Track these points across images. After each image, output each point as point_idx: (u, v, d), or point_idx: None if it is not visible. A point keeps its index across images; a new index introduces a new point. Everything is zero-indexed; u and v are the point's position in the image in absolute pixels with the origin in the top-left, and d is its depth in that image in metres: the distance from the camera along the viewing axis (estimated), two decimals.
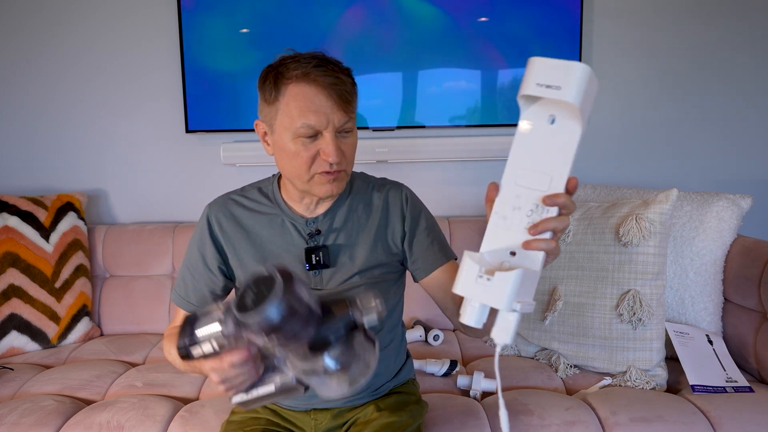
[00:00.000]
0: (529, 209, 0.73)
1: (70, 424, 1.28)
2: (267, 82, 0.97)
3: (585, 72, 0.67)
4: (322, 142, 0.96)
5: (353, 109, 0.98)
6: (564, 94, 0.68)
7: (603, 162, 2.08)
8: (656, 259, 1.45)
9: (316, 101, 0.93)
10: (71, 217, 1.86)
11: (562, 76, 0.68)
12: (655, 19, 2.01)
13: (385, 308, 0.89)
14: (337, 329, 0.73)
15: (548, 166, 0.72)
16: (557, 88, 0.68)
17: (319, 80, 0.93)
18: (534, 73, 0.71)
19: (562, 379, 1.50)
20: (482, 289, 0.69)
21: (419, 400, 1.17)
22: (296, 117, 0.94)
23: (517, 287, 0.67)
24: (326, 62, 0.96)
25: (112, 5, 2.00)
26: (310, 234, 1.06)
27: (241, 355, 0.74)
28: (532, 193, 0.73)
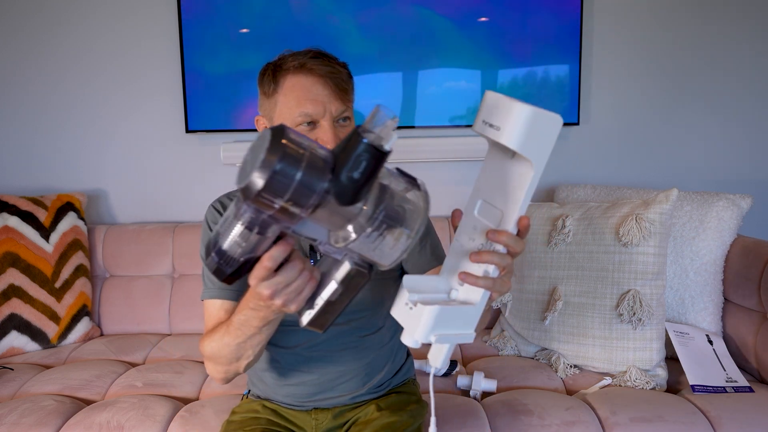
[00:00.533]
0: (480, 243, 0.73)
1: (70, 424, 1.28)
2: (266, 76, 1.00)
3: (528, 115, 0.64)
4: (320, 131, 0.97)
5: (350, 98, 1.00)
6: (502, 136, 0.66)
7: (603, 162, 2.08)
8: (656, 259, 1.45)
9: (313, 90, 0.95)
10: (71, 217, 1.86)
11: (503, 117, 0.66)
12: (655, 19, 2.01)
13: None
14: (357, 163, 0.58)
15: (502, 202, 0.72)
16: (497, 128, 0.67)
17: (315, 70, 0.96)
18: (483, 109, 0.69)
19: (562, 379, 1.50)
20: (406, 315, 0.72)
21: (419, 399, 1.17)
22: (294, 107, 0.96)
23: (432, 322, 0.68)
24: (322, 54, 0.99)
25: (112, 5, 2.00)
26: None
27: (280, 246, 0.65)
28: (485, 227, 0.73)
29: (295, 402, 1.11)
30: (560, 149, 2.07)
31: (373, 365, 1.11)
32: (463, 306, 0.72)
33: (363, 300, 1.06)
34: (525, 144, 0.65)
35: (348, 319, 1.07)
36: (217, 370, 0.98)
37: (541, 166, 0.68)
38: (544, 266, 1.60)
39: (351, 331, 1.08)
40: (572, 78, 1.97)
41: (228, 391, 1.45)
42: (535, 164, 0.67)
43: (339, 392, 1.10)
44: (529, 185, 0.68)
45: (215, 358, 0.96)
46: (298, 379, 1.09)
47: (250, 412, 1.12)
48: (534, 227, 1.65)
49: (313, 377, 1.09)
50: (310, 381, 1.09)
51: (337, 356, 1.08)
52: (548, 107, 0.67)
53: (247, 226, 0.62)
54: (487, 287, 0.70)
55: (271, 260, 0.65)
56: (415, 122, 2.01)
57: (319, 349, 1.08)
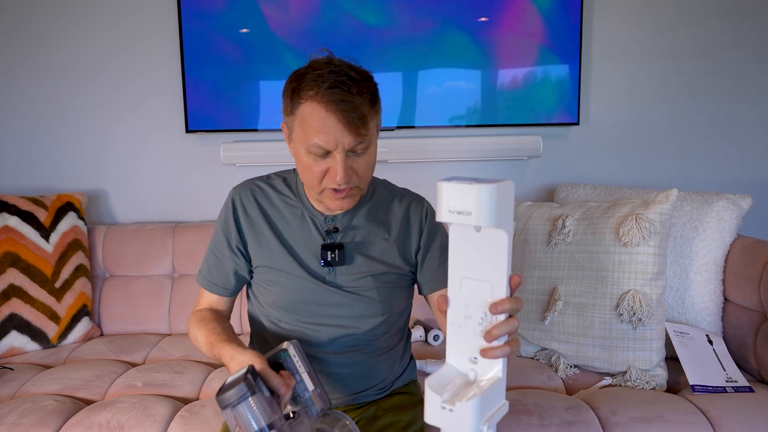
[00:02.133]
0: (479, 317, 0.76)
1: (70, 424, 1.28)
2: (288, 93, 0.98)
3: (492, 193, 0.67)
4: (332, 160, 0.96)
5: (367, 130, 0.96)
6: (474, 219, 0.69)
7: (603, 162, 2.08)
8: (656, 259, 1.45)
9: (327, 122, 0.93)
10: (71, 217, 1.86)
11: (469, 202, 0.69)
12: (655, 19, 2.01)
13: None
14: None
15: (486, 274, 0.75)
16: (468, 213, 0.69)
17: (330, 104, 0.92)
18: (444, 200, 0.71)
19: (562, 379, 1.50)
20: (447, 418, 0.72)
21: (422, 400, 1.17)
22: (309, 134, 0.94)
23: (478, 413, 0.71)
24: (342, 82, 0.93)
25: (112, 5, 2.00)
26: (327, 231, 1.07)
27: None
28: (479, 301, 0.76)
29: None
30: (560, 149, 2.07)
31: (378, 368, 1.11)
32: (495, 383, 0.75)
33: (370, 306, 1.06)
34: (498, 219, 0.69)
35: (354, 323, 1.07)
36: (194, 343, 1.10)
37: (511, 231, 0.72)
38: (544, 266, 1.60)
39: (357, 336, 1.07)
40: (572, 78, 1.97)
41: None
42: (508, 231, 0.71)
43: (342, 394, 1.10)
44: (508, 251, 0.72)
45: (195, 342, 1.09)
46: None
47: None
48: (534, 227, 1.65)
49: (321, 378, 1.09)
50: None
51: (342, 359, 1.08)
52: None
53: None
54: (506, 354, 0.74)
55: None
56: (415, 122, 2.01)
57: (324, 352, 1.08)
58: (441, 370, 0.79)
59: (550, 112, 1.99)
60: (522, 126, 2.01)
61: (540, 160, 2.07)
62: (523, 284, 1.65)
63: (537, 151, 1.97)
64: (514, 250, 1.70)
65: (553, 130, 2.05)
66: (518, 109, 2.00)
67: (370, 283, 1.06)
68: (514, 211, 1.73)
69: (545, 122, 2.00)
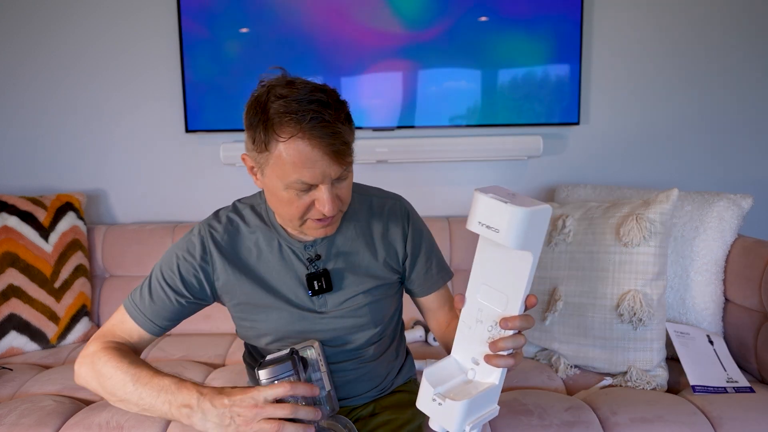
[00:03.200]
0: (489, 325, 0.78)
1: (69, 424, 1.28)
2: (257, 128, 0.87)
3: (524, 217, 0.68)
4: (317, 192, 0.89)
5: (351, 156, 0.90)
6: (501, 238, 0.70)
7: (603, 162, 2.08)
8: (657, 259, 1.45)
9: (312, 158, 0.85)
10: (71, 217, 1.86)
11: (499, 220, 0.70)
12: (656, 19, 2.01)
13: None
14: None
15: (505, 287, 0.76)
16: (496, 230, 0.70)
17: (315, 139, 0.84)
18: (477, 211, 0.72)
19: (562, 379, 1.49)
20: (436, 410, 0.77)
21: None
22: (290, 171, 0.86)
23: (464, 414, 0.74)
24: (322, 110, 0.85)
25: (112, 5, 1.99)
26: (309, 259, 1.01)
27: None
28: (492, 310, 0.78)
29: None
30: (560, 149, 2.07)
31: (376, 371, 1.10)
32: (487, 389, 0.77)
33: (362, 321, 1.04)
34: (524, 242, 0.70)
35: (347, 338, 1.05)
36: (88, 382, 0.94)
37: (538, 253, 0.73)
38: (544, 266, 1.60)
39: (350, 349, 1.06)
40: (572, 78, 1.97)
41: None
42: (534, 254, 0.72)
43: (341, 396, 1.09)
44: (530, 272, 0.73)
45: (100, 379, 0.91)
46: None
47: None
48: None
49: None
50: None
51: (340, 366, 1.06)
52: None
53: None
54: (509, 366, 0.76)
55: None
56: (415, 122, 2.01)
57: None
58: (443, 362, 0.81)
59: (550, 112, 1.99)
60: (522, 126, 2.01)
61: (540, 160, 2.07)
62: None
63: (537, 151, 1.97)
64: None
65: (553, 130, 2.05)
66: (518, 109, 1.99)
67: (360, 301, 1.03)
68: None
69: (545, 122, 2.00)
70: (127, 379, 0.89)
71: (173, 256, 1.01)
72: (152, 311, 0.99)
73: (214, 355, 1.69)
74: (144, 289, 1.01)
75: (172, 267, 1.00)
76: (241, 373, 1.52)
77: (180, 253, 1.01)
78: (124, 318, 1.01)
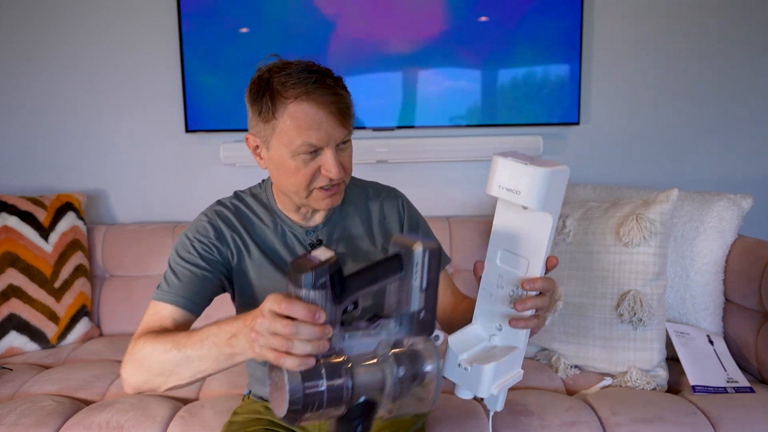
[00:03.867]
0: (510, 289, 0.79)
1: (69, 424, 1.27)
2: (262, 99, 0.93)
3: (544, 177, 0.69)
4: (322, 158, 0.94)
5: (352, 119, 0.97)
6: (523, 199, 0.70)
7: (603, 162, 2.08)
8: (657, 259, 1.45)
9: (317, 119, 0.91)
10: (70, 217, 1.86)
11: (520, 182, 0.70)
12: (656, 19, 2.01)
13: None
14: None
15: (525, 251, 0.77)
16: (516, 192, 0.71)
17: (319, 98, 0.91)
18: (496, 174, 0.73)
19: (562, 379, 1.49)
20: (462, 376, 0.77)
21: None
22: (296, 136, 0.92)
23: (491, 377, 0.75)
24: (323, 77, 0.93)
25: (112, 5, 1.99)
26: (311, 244, 1.04)
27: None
28: (512, 274, 0.78)
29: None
30: (560, 149, 2.07)
31: None
32: (511, 353, 0.78)
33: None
34: (545, 203, 0.70)
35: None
36: (135, 378, 0.88)
37: (557, 215, 0.74)
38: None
39: None
40: (572, 78, 1.97)
41: (228, 391, 1.45)
42: (554, 215, 0.73)
43: None
44: (550, 233, 0.74)
45: (144, 364, 0.87)
46: None
47: (252, 413, 1.11)
48: None
49: None
50: None
51: None
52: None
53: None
54: (533, 326, 0.78)
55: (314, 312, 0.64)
56: (415, 122, 2.01)
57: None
58: (466, 330, 0.82)
59: (550, 112, 1.99)
60: (522, 126, 2.01)
61: None
62: None
63: (537, 151, 1.97)
64: None
65: (553, 130, 2.05)
66: (518, 109, 1.99)
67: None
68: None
69: (545, 122, 2.00)
70: (168, 347, 0.84)
71: (186, 240, 1.02)
72: (181, 288, 0.98)
73: None
74: (167, 277, 1.01)
75: (188, 249, 1.01)
76: (241, 373, 1.52)
77: (192, 235, 1.02)
78: (154, 309, 0.98)
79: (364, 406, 0.68)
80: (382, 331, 0.72)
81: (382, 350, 0.70)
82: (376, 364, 0.69)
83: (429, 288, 0.72)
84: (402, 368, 0.69)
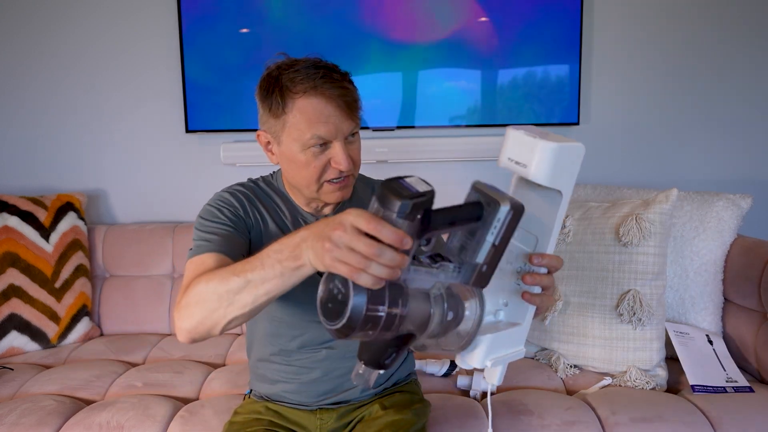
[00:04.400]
0: (519, 265, 0.79)
1: (69, 424, 1.28)
2: (272, 95, 0.97)
3: (552, 152, 0.68)
4: (332, 151, 0.97)
5: (359, 113, 1.00)
6: (530, 173, 0.69)
7: (603, 162, 2.08)
8: (656, 259, 1.45)
9: (326, 112, 0.94)
10: (71, 217, 1.86)
11: (529, 155, 0.69)
12: (655, 19, 2.01)
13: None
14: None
15: (535, 227, 0.76)
16: (524, 165, 0.70)
17: (327, 93, 0.94)
18: (508, 147, 0.72)
19: (562, 379, 1.49)
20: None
21: (422, 399, 1.17)
22: (305, 129, 0.95)
23: (486, 349, 0.73)
24: (330, 72, 0.96)
25: (112, 5, 2.00)
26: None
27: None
28: (522, 250, 0.78)
29: (300, 402, 1.10)
30: None
31: None
32: (512, 328, 0.76)
33: None
34: (552, 178, 0.69)
35: None
36: (191, 320, 0.83)
37: (569, 193, 0.72)
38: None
39: None
40: (572, 78, 1.97)
41: (228, 391, 1.45)
42: (564, 193, 0.72)
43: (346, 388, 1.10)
44: (560, 212, 0.73)
45: (200, 301, 0.81)
46: (307, 377, 1.09)
47: (252, 413, 1.12)
48: None
49: (320, 377, 1.09)
50: (317, 380, 1.09)
51: (343, 355, 1.08)
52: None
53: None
54: (542, 303, 0.77)
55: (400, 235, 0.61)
56: (415, 122, 2.01)
57: (326, 349, 1.08)
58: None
59: (550, 112, 1.99)
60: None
61: None
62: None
63: None
64: None
65: (553, 130, 2.05)
66: (518, 109, 2.00)
67: None
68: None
69: (545, 122, 2.00)
70: (225, 276, 0.79)
71: (212, 209, 1.01)
72: (218, 243, 0.95)
73: (214, 354, 1.69)
74: (200, 237, 0.97)
75: (216, 215, 1.00)
76: (241, 373, 1.52)
77: (217, 204, 1.03)
78: (197, 262, 0.92)
79: (404, 337, 0.68)
80: (441, 273, 0.70)
81: (436, 290, 0.70)
82: (428, 302, 0.69)
83: (500, 245, 0.70)
84: (451, 312, 0.69)
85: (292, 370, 1.10)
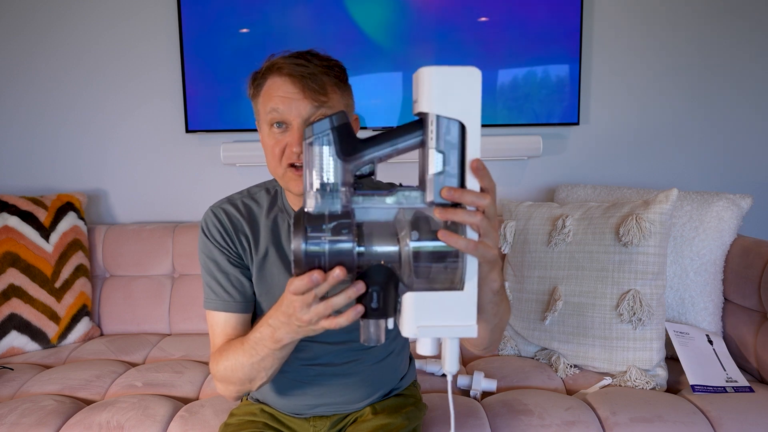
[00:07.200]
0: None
1: (70, 424, 1.28)
2: (255, 80, 0.99)
3: (434, 76, 0.64)
4: (288, 134, 0.94)
5: (327, 98, 0.93)
6: (420, 106, 0.66)
7: (603, 162, 2.08)
8: (656, 259, 1.45)
9: (283, 88, 0.93)
10: (71, 217, 1.86)
11: (418, 88, 0.66)
12: (655, 19, 2.01)
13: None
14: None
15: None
16: (416, 101, 0.67)
17: (285, 68, 0.93)
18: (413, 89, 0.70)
19: (562, 379, 1.49)
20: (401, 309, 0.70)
21: (418, 401, 1.16)
22: (266, 104, 0.95)
23: (411, 312, 0.66)
24: (303, 54, 0.95)
25: (112, 5, 2.00)
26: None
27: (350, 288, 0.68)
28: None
29: (295, 411, 1.10)
30: (560, 149, 2.07)
31: (377, 375, 1.10)
32: (448, 292, 0.66)
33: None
34: (446, 106, 0.64)
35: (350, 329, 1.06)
36: (230, 390, 0.99)
37: (475, 124, 0.67)
38: (544, 266, 1.60)
39: (354, 344, 1.06)
40: (572, 78, 1.97)
41: None
42: (468, 125, 0.66)
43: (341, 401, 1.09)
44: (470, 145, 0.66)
45: (228, 380, 0.96)
46: (301, 390, 1.08)
47: (247, 414, 1.11)
48: (534, 227, 1.65)
49: (315, 389, 1.07)
50: (312, 392, 1.08)
51: (340, 369, 1.07)
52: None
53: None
54: (468, 249, 0.65)
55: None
56: None
57: (323, 362, 1.07)
58: None
59: (550, 112, 1.99)
60: (522, 126, 2.01)
61: (540, 160, 2.07)
62: (523, 284, 1.65)
63: (537, 151, 1.97)
64: (514, 250, 1.70)
65: (553, 130, 2.05)
66: (518, 109, 2.00)
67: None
68: (514, 209, 1.73)
69: (545, 122, 2.00)
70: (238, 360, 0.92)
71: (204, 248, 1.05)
72: (222, 292, 1.03)
73: None
74: (206, 282, 1.05)
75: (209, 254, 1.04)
76: None
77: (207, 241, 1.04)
78: (212, 321, 1.04)
79: (383, 274, 0.66)
80: (404, 200, 0.69)
81: (400, 216, 0.67)
82: (389, 229, 0.66)
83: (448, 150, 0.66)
84: (415, 232, 0.65)
85: (285, 382, 1.08)
